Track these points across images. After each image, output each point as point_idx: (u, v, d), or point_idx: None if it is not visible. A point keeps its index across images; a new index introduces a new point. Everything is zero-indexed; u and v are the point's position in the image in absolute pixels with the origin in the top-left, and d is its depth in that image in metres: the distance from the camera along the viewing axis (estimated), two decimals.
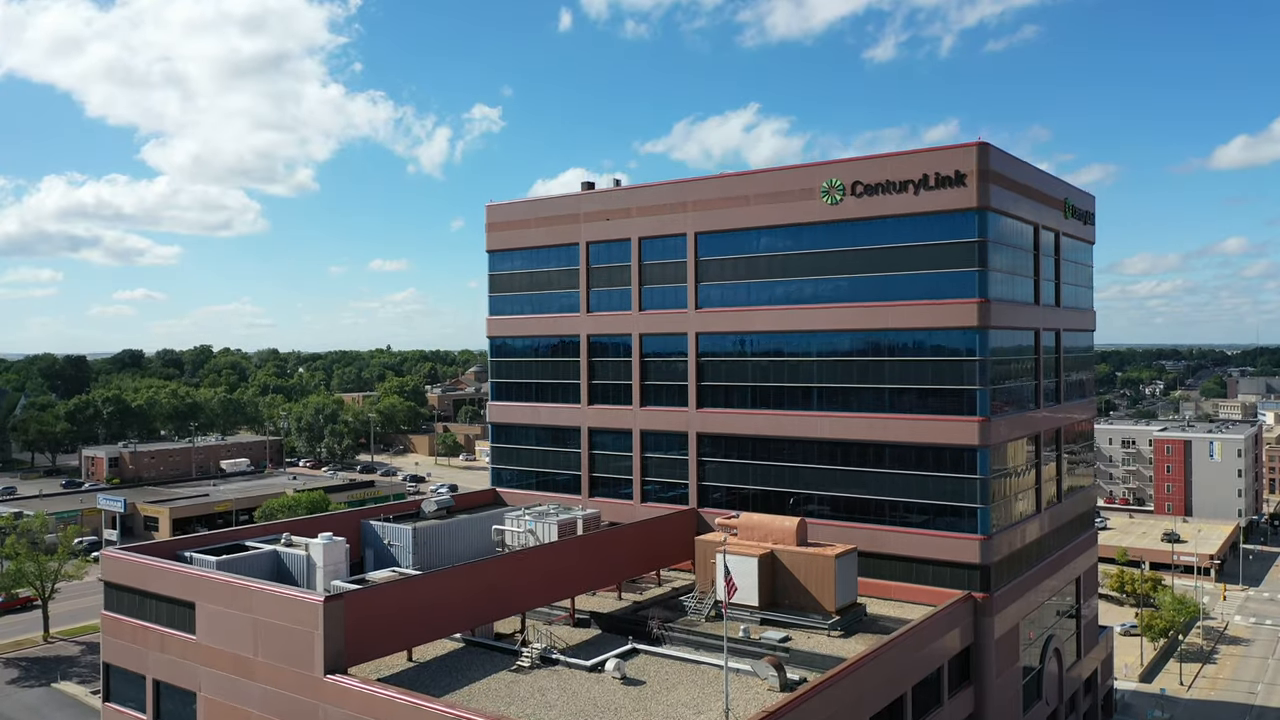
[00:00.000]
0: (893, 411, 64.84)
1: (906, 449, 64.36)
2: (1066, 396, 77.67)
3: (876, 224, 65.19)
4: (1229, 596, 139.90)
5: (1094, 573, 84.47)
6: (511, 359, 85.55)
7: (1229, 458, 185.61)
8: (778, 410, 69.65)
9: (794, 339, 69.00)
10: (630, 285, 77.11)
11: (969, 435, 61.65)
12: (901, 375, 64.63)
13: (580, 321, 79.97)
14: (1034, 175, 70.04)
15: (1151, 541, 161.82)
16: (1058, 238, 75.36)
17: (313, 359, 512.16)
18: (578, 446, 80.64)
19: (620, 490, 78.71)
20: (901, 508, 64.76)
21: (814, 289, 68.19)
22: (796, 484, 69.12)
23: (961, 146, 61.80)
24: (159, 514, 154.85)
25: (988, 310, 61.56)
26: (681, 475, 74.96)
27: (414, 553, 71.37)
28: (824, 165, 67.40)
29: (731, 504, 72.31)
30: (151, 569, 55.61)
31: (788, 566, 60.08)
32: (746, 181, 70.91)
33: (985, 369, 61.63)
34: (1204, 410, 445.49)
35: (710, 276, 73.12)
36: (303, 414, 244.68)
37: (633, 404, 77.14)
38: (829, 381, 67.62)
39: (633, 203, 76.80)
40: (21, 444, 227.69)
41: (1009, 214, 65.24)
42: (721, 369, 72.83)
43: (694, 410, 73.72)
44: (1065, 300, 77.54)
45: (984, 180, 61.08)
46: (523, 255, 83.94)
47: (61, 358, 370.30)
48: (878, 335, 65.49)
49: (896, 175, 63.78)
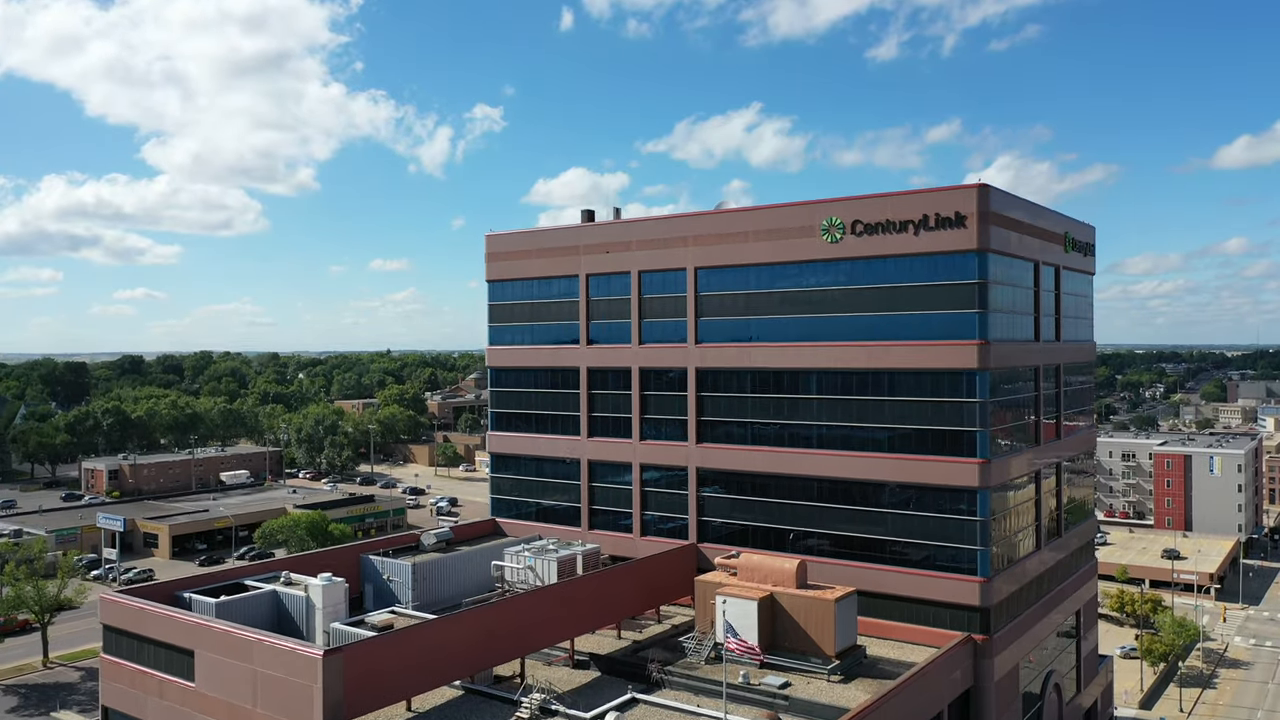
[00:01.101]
0: (893, 451, 64.77)
1: (907, 489, 64.32)
2: (1067, 430, 77.59)
3: (876, 263, 65.14)
4: (1229, 616, 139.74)
5: (1094, 603, 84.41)
6: (511, 389, 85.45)
7: (1229, 473, 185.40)
8: (777, 447, 69.56)
9: (794, 376, 68.91)
10: (630, 319, 77.05)
11: (969, 477, 61.57)
12: (901, 415, 64.55)
13: (580, 353, 79.90)
14: (1034, 212, 69.99)
15: (1151, 558, 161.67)
16: (1058, 272, 75.29)
17: (313, 364, 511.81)
18: (577, 479, 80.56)
19: (620, 522, 78.63)
20: (901, 547, 64.68)
21: (814, 326, 68.10)
22: (796, 521, 69.07)
23: (962, 188, 61.76)
24: (158, 530, 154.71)
25: (988, 352, 61.49)
26: (681, 510, 74.89)
27: (413, 588, 71.38)
28: (824, 203, 67.33)
29: (731, 539, 72.21)
30: (150, 615, 55.52)
31: (788, 610, 60.00)
32: (746, 218, 70.86)
33: (985, 411, 61.54)
34: (1204, 415, 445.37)
35: (710, 311, 73.06)
36: (303, 425, 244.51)
37: (632, 437, 77.07)
38: (829, 419, 67.55)
39: (632, 236, 76.77)
40: (21, 455, 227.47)
41: (1009, 253, 65.18)
42: (721, 404, 72.76)
43: (694, 445, 73.66)
44: (1066, 333, 77.46)
45: (984, 222, 61.02)
46: (523, 286, 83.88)
47: (62, 364, 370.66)
48: (877, 374, 65.41)
49: (896, 215, 63.73)
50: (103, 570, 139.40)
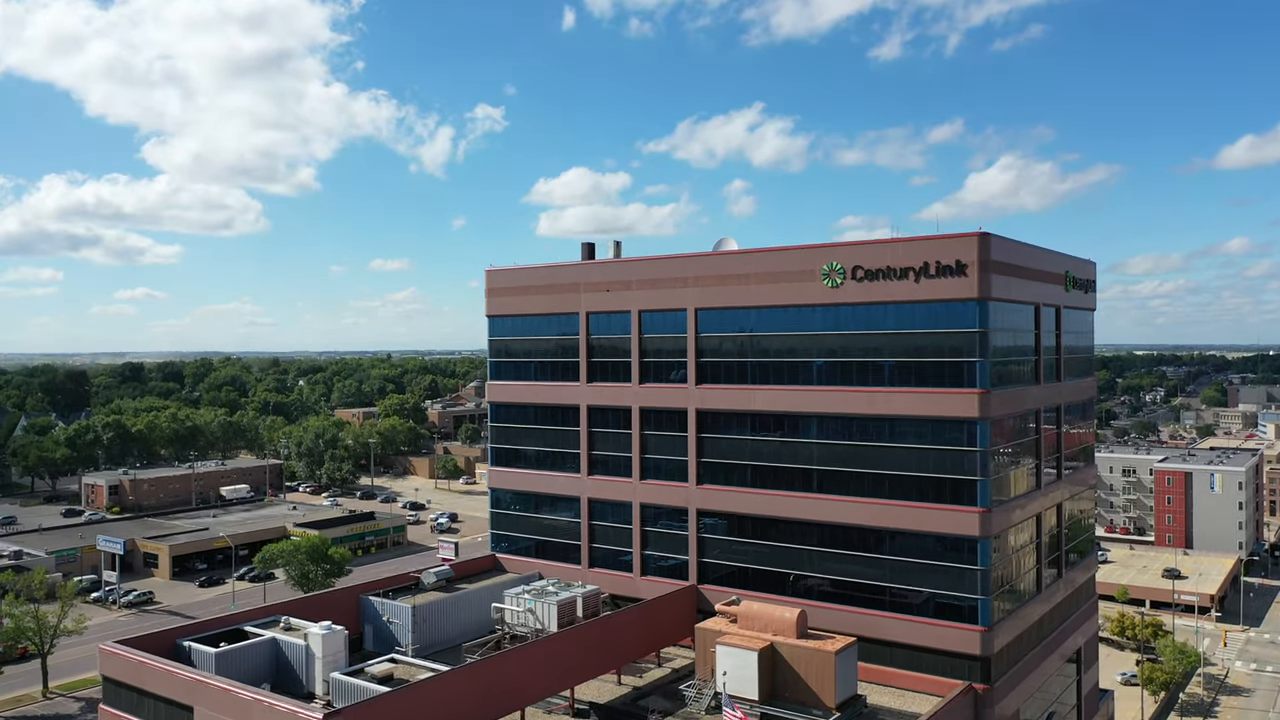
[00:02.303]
0: (893, 497, 64.65)
1: (908, 536, 64.23)
2: (1068, 472, 77.48)
3: (877, 309, 65.07)
4: (1230, 638, 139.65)
5: (1095, 640, 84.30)
6: (512, 425, 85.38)
7: (1230, 490, 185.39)
8: (778, 491, 69.47)
9: (794, 419, 68.86)
10: (630, 357, 76.98)
11: (970, 526, 61.49)
12: (902, 462, 64.46)
13: (580, 391, 79.83)
14: (1034, 256, 69.92)
15: (1152, 577, 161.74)
16: (1058, 313, 75.18)
17: (313, 371, 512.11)
18: (577, 516, 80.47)
19: (620, 560, 78.51)
20: (902, 594, 64.57)
21: (815, 371, 68.06)
22: (797, 565, 68.96)
23: (963, 236, 61.67)
24: (158, 550, 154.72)
25: (988, 401, 61.41)
26: (681, 550, 74.79)
27: (413, 631, 71.36)
28: (825, 248, 67.29)
29: (732, 581, 72.11)
30: (149, 669, 55.41)
31: (788, 660, 59.86)
32: (747, 260, 70.81)
33: (987, 460, 61.45)
34: (1204, 420, 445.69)
35: (711, 353, 72.98)
36: (303, 438, 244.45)
37: (632, 477, 77.00)
38: (829, 464, 67.46)
39: (633, 275, 76.72)
40: (21, 469, 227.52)
41: (1010, 300, 65.10)
42: (722, 446, 72.67)
43: (694, 486, 73.57)
44: (1067, 372, 77.38)
45: (985, 271, 60.95)
46: (523, 321, 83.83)
47: (63, 373, 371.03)
48: (878, 420, 65.34)
49: (897, 262, 63.66)
50: (103, 592, 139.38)
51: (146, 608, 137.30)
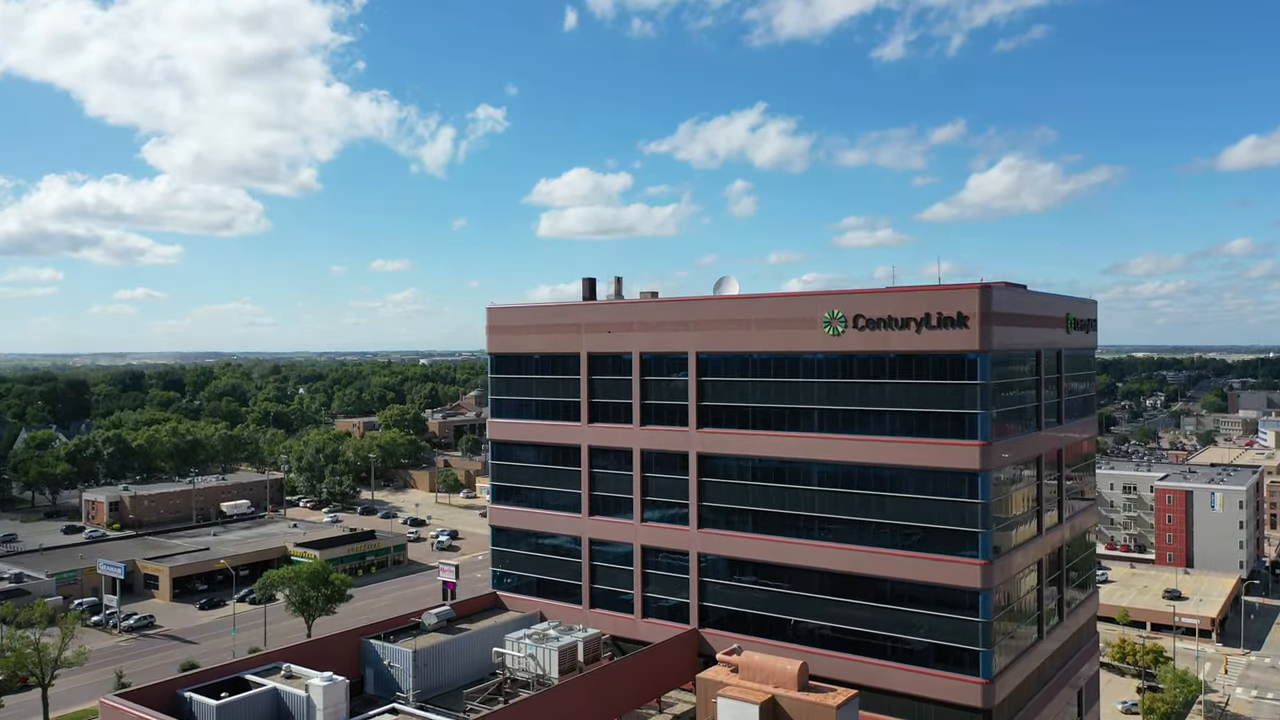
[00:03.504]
0: (894, 547, 64.67)
1: (909, 585, 64.21)
2: (1069, 512, 77.49)
3: (878, 358, 65.08)
4: (1230, 662, 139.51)
5: (1095, 680, 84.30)
6: (513, 463, 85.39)
7: (1230, 509, 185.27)
8: (779, 537, 69.47)
9: (795, 466, 68.86)
10: (631, 399, 76.98)
11: (971, 578, 61.48)
12: (903, 511, 64.46)
13: (581, 432, 79.83)
14: (1036, 302, 70.02)
15: (1153, 598, 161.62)
16: (1060, 356, 75.25)
17: (313, 378, 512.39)
18: (578, 556, 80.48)
19: (621, 600, 78.49)
20: (903, 644, 64.53)
21: (815, 418, 68.03)
22: (798, 611, 68.95)
23: (964, 288, 61.70)
24: (159, 572, 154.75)
25: (989, 453, 61.41)
26: (683, 593, 74.77)
27: (414, 675, 71.35)
28: (826, 295, 67.33)
29: (733, 625, 72.09)
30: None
31: (789, 713, 59.85)
32: (748, 306, 70.84)
33: (988, 512, 61.44)
34: (1205, 426, 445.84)
35: (711, 397, 72.98)
36: (304, 452, 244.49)
37: (634, 518, 76.99)
38: (829, 512, 67.47)
39: (634, 317, 76.75)
40: (22, 485, 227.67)
41: (1011, 349, 65.14)
42: (723, 490, 72.67)
43: (695, 530, 73.58)
44: (1068, 414, 77.40)
45: (986, 323, 60.95)
46: (524, 360, 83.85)
47: (64, 382, 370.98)
48: (879, 469, 65.33)
49: (898, 311, 63.67)
50: (103, 616, 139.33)
51: (147, 632, 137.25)
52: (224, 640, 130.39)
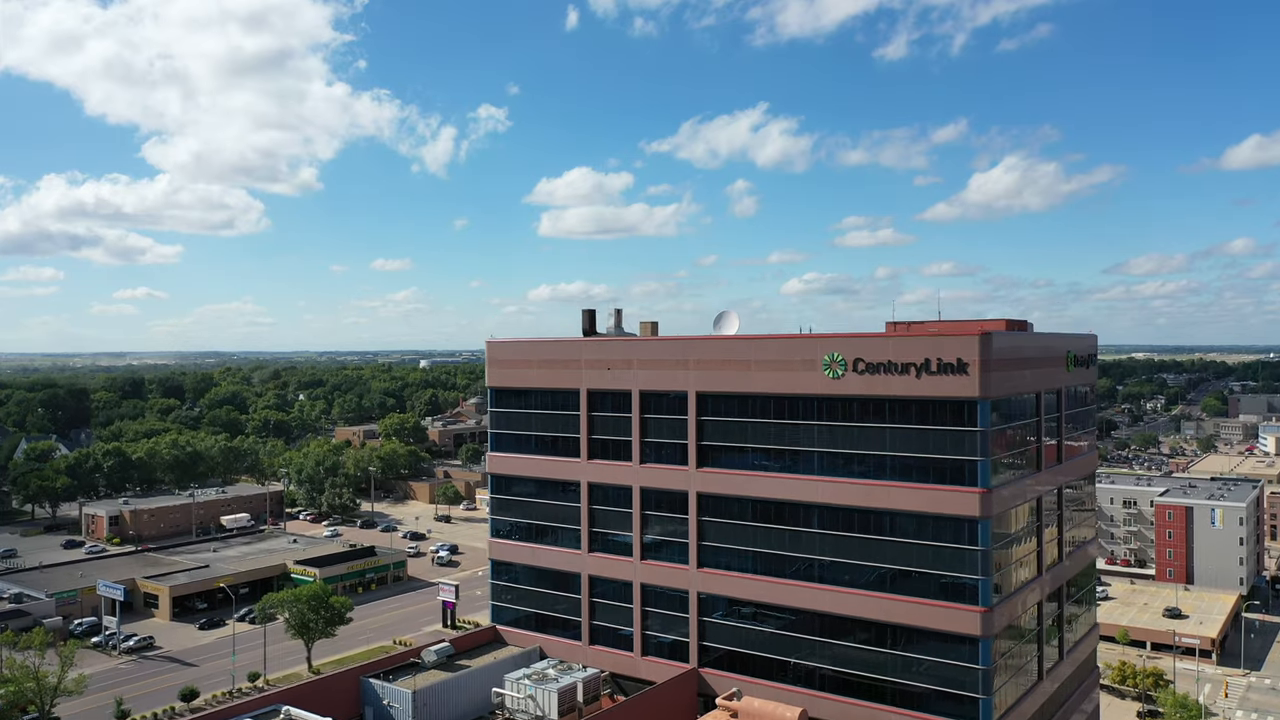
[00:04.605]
0: (893, 591, 64.64)
1: (908, 631, 64.13)
2: (1069, 548, 77.42)
3: (877, 402, 65.04)
4: (1231, 683, 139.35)
5: (1096, 712, 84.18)
6: (513, 498, 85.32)
7: (1231, 525, 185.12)
8: (778, 578, 69.44)
9: (795, 508, 68.79)
10: (631, 436, 76.93)
11: (971, 625, 61.42)
12: (902, 557, 64.42)
13: (581, 468, 79.78)
14: (1036, 344, 69.98)
15: (1153, 617, 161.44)
16: (1060, 394, 75.19)
17: (313, 384, 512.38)
18: (578, 592, 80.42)
19: (621, 637, 78.42)
20: (902, 688, 64.45)
21: (815, 460, 68.01)
22: (798, 653, 68.91)
23: (964, 335, 61.67)
24: (159, 591, 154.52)
25: (989, 500, 61.37)
26: (682, 631, 74.73)
27: (413, 715, 71.40)
28: (826, 338, 67.30)
29: (733, 665, 72.06)
30: None
31: None
32: (748, 346, 70.81)
33: (988, 559, 61.39)
34: (1205, 430, 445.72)
35: (711, 436, 72.96)
36: (304, 465, 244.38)
37: (633, 556, 76.93)
38: (829, 554, 67.46)
39: (634, 355, 76.72)
40: (23, 498, 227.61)
41: (1011, 394, 65.10)
42: (722, 530, 72.63)
43: (695, 570, 73.52)
44: (1067, 454, 77.32)
45: (986, 370, 60.91)
46: (524, 394, 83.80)
47: (64, 390, 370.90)
48: (878, 513, 65.27)
49: (898, 356, 63.63)
50: (103, 637, 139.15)
51: (147, 653, 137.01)
52: (224, 662, 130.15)
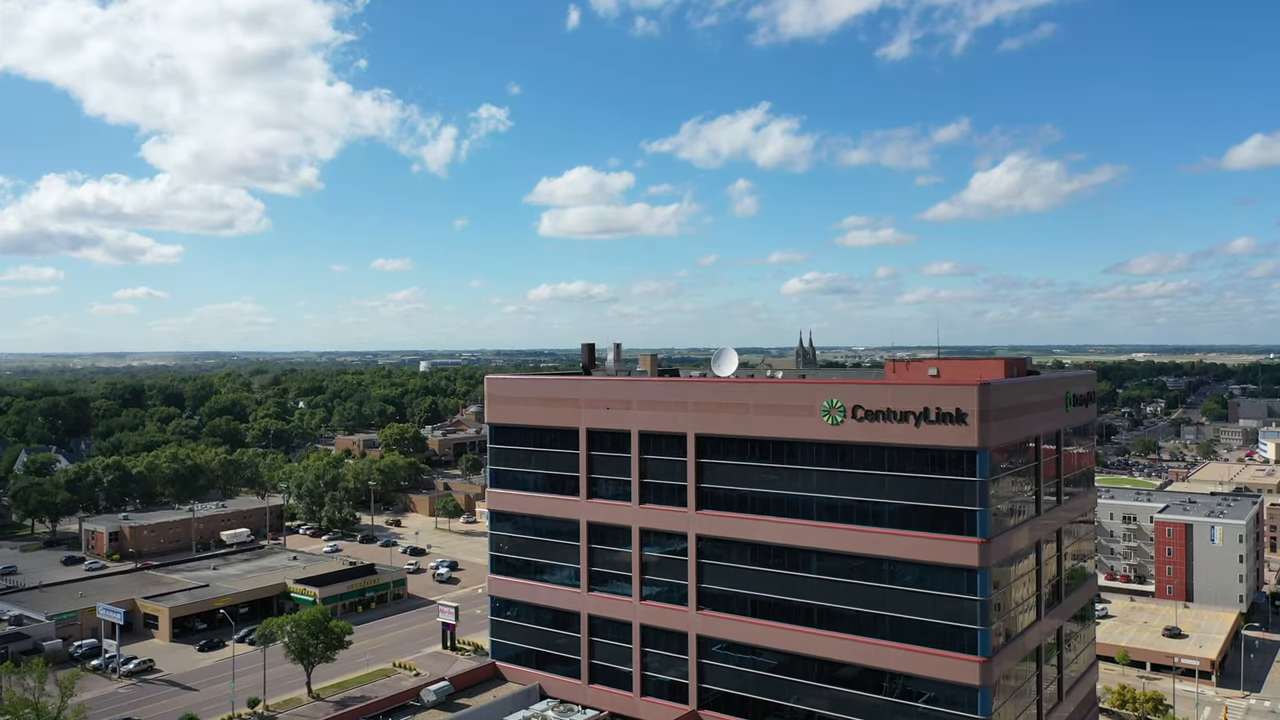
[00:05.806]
0: (892, 639, 64.66)
1: (907, 679, 64.16)
2: (1067, 590, 77.41)
3: (876, 450, 65.08)
4: (1230, 706, 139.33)
5: None
6: (512, 535, 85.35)
7: (1230, 542, 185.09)
8: (777, 622, 69.46)
9: (794, 553, 68.81)
10: (630, 476, 76.97)
11: (970, 675, 61.47)
12: (901, 604, 64.44)
13: (580, 507, 79.82)
14: (1034, 389, 70.00)
15: (1153, 636, 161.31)
16: (1059, 435, 75.23)
17: (313, 391, 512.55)
18: (578, 631, 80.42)
19: (621, 675, 78.44)
20: None
21: (814, 506, 68.04)
22: (797, 697, 68.93)
23: (963, 385, 61.74)
24: (158, 612, 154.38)
25: (988, 550, 61.41)
26: (681, 673, 74.75)
27: None
28: (826, 384, 67.37)
29: (731, 707, 72.09)
30: None
31: None
32: (747, 390, 70.86)
33: (986, 609, 61.43)
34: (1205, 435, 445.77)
35: (710, 479, 72.98)
36: (303, 478, 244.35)
37: (632, 597, 76.96)
38: (828, 600, 67.48)
39: (633, 395, 76.76)
40: (22, 513, 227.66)
41: (1010, 442, 65.13)
42: (721, 573, 72.65)
43: (694, 612, 73.54)
44: (1066, 494, 77.33)
45: (985, 420, 60.97)
46: (523, 432, 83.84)
47: (65, 400, 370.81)
48: (877, 560, 65.30)
49: (898, 404, 63.69)
50: (103, 660, 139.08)
51: (147, 676, 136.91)
52: (224, 686, 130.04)
